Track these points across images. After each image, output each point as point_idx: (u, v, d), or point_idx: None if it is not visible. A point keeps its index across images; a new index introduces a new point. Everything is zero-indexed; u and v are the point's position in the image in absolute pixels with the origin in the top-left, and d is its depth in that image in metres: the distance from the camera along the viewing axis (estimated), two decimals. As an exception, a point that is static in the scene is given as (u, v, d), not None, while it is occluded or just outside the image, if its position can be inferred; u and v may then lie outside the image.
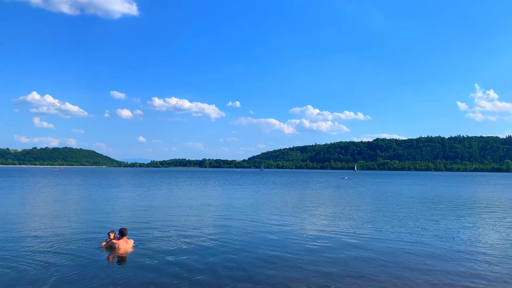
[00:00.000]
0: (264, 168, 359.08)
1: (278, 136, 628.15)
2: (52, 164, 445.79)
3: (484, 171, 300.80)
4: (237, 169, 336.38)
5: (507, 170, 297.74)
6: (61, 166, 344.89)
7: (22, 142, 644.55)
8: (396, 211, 26.94)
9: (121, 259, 12.39)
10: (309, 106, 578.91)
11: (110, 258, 12.45)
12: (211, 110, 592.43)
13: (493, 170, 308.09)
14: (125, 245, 13.48)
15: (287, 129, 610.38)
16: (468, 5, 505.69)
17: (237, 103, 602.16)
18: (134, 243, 13.98)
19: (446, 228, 19.30)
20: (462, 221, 21.87)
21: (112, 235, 14.05)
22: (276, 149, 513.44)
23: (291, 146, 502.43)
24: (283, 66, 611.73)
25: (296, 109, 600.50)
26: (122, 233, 13.72)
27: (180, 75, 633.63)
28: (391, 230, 18.42)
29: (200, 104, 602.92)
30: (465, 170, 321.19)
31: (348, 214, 24.64)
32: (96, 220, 20.60)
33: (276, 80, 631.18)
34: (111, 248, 13.53)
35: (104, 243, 14.09)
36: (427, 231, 18.26)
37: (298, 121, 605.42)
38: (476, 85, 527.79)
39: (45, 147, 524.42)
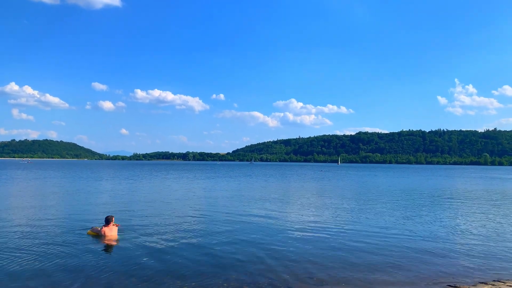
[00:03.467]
0: (254, 161, 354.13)
1: (262, 129, 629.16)
2: (31, 157, 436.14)
3: (463, 164, 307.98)
4: (217, 162, 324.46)
5: (485, 163, 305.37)
6: (29, 159, 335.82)
7: (0, 134, 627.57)
8: (390, 205, 27.60)
9: (108, 247, 12.54)
10: (293, 100, 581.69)
11: (97, 246, 12.59)
12: (195, 102, 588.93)
13: (472, 163, 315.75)
14: (110, 232, 13.63)
15: (271, 122, 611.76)
16: (450, 1, 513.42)
17: (221, 96, 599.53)
18: (118, 228, 14.16)
19: (425, 221, 19.99)
20: (449, 214, 22.61)
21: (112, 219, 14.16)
22: (260, 142, 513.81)
23: (275, 139, 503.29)
24: (267, 59, 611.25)
25: (280, 103, 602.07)
26: (107, 221, 13.87)
27: (163, 67, 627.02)
28: (386, 226, 18.98)
29: (183, 97, 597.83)
30: (445, 163, 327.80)
31: (336, 207, 25.20)
32: (82, 212, 20.59)
33: (260, 73, 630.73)
34: (97, 236, 13.67)
35: (89, 230, 14.26)
36: (414, 225, 18.91)
37: (282, 114, 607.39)
38: (456, 79, 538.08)
39: (24, 140, 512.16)
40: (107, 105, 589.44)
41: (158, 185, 42.77)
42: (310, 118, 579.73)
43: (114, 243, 13.00)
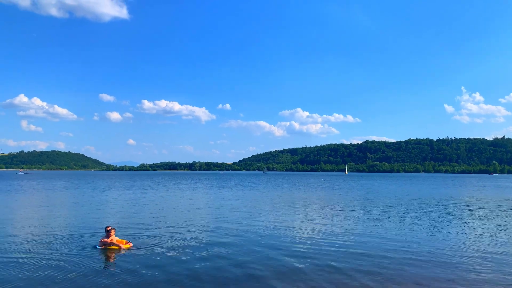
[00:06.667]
0: (266, 171, 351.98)
1: (268, 138, 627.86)
2: (40, 168, 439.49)
3: (472, 173, 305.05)
4: (220, 172, 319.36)
5: (494, 172, 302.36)
6: (26, 170, 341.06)
7: (9, 145, 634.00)
8: (410, 215, 27.46)
9: (117, 257, 12.90)
10: (299, 109, 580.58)
11: (105, 257, 12.99)
12: (201, 112, 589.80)
13: (481, 171, 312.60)
14: (105, 243, 14.12)
15: (277, 131, 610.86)
16: (455, 8, 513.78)
17: (227, 106, 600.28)
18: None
19: (439, 228, 19.86)
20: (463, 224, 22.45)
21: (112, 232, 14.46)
22: (267, 151, 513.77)
23: (282, 149, 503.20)
24: (272, 69, 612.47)
25: (286, 112, 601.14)
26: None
27: (170, 78, 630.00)
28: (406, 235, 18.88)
29: (190, 107, 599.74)
30: (453, 172, 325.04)
31: (346, 215, 25.15)
32: (98, 221, 20.75)
33: (265, 83, 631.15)
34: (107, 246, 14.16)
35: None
36: (427, 235, 18.81)
37: (288, 123, 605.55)
38: (462, 88, 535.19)
39: (33, 151, 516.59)
40: (115, 116, 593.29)
41: (175, 195, 42.93)
42: (316, 127, 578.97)
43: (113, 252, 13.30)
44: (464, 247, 14.61)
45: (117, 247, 13.76)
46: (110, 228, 14.28)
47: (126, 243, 14.12)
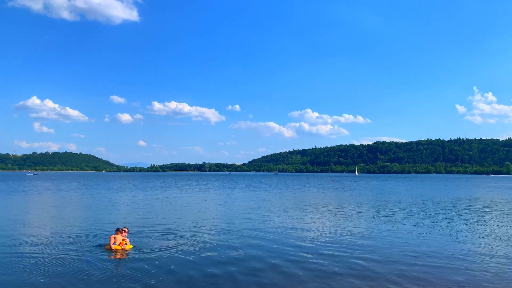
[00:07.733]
0: (278, 172, 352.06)
1: (277, 139, 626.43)
2: (52, 169, 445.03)
3: (484, 174, 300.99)
4: (229, 173, 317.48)
5: (507, 173, 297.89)
6: (36, 171, 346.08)
7: (22, 147, 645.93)
8: (435, 217, 27.15)
9: (122, 258, 12.94)
10: (308, 110, 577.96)
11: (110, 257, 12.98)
12: (211, 114, 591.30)
13: (494, 172, 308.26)
14: (111, 242, 14.00)
15: (286, 132, 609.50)
16: (466, 7, 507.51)
17: (237, 107, 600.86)
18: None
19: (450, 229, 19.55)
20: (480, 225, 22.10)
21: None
22: (276, 152, 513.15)
23: (291, 150, 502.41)
24: (282, 69, 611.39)
25: (295, 113, 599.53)
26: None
27: (180, 79, 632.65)
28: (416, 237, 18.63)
29: (199, 108, 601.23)
30: (466, 173, 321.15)
31: (360, 216, 24.93)
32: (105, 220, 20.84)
33: (275, 84, 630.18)
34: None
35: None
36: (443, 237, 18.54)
37: (298, 124, 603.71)
38: (474, 87, 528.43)
39: (45, 152, 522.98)
40: (125, 117, 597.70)
41: (188, 196, 43.06)
42: (326, 128, 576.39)
43: (119, 253, 13.26)
44: (480, 250, 14.35)
45: (108, 247, 13.68)
46: (119, 228, 14.33)
47: (124, 244, 13.92)
